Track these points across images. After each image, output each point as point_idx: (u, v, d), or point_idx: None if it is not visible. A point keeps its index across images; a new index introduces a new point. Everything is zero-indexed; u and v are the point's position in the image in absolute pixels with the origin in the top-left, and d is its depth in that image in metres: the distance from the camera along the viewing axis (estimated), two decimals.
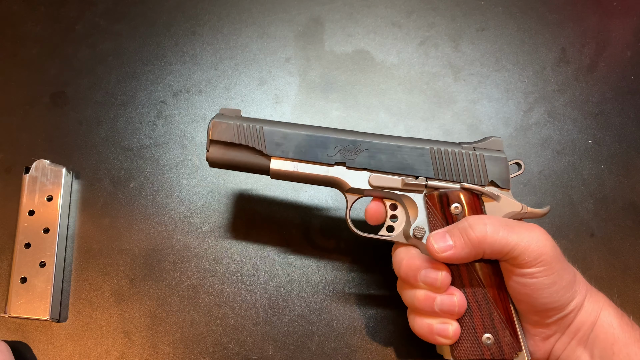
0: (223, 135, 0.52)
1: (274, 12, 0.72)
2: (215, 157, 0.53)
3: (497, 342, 0.48)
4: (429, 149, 0.51)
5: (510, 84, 0.68)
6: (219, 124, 0.52)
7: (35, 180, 0.62)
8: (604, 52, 0.70)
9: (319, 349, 0.58)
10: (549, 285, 0.45)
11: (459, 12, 0.72)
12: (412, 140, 0.52)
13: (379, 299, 0.60)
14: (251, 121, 0.53)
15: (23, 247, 0.60)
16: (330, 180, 0.52)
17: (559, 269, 0.46)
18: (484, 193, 0.50)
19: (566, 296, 0.46)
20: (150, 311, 0.60)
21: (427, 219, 0.50)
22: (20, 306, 0.58)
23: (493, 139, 0.52)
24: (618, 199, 0.63)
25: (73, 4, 0.73)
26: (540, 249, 0.45)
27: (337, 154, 0.52)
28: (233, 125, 0.52)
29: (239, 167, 0.53)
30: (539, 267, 0.45)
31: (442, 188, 0.50)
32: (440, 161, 0.51)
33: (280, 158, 0.52)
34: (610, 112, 0.67)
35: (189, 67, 0.70)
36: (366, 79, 0.69)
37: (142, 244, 0.62)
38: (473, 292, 0.48)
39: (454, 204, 0.49)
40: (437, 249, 0.46)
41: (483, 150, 0.51)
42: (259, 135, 0.52)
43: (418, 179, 0.51)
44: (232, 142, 0.52)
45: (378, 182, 0.51)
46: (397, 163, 0.51)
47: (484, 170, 0.50)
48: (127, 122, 0.68)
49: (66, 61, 0.71)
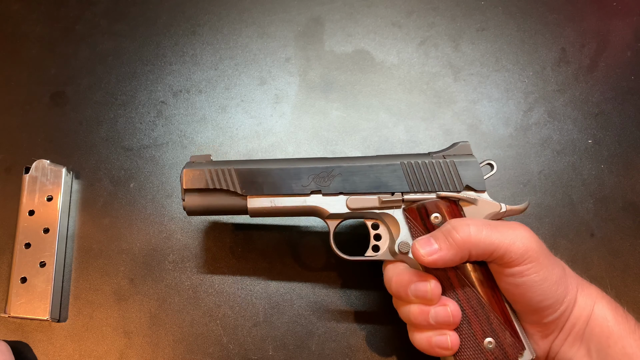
0: (196, 183, 0.53)
1: (274, 12, 0.72)
2: (191, 205, 0.53)
3: (499, 345, 0.48)
4: (400, 164, 0.51)
5: (510, 84, 0.68)
6: (191, 172, 0.53)
7: (35, 180, 0.62)
8: (604, 52, 0.70)
9: (319, 349, 0.58)
10: (540, 282, 0.46)
11: (459, 12, 0.72)
12: (382, 158, 0.52)
13: (379, 299, 0.60)
14: (222, 164, 0.53)
15: (23, 247, 0.60)
16: (308, 210, 0.53)
17: (547, 265, 0.46)
18: (461, 199, 0.50)
19: (559, 291, 0.46)
20: (150, 311, 0.60)
21: (410, 232, 0.50)
22: (20, 306, 0.58)
23: (461, 144, 0.53)
24: (618, 199, 0.63)
25: (73, 4, 0.73)
26: (525, 245, 0.45)
27: (311, 183, 0.52)
28: (205, 171, 0.53)
29: (217, 211, 0.54)
30: (527, 265, 0.45)
31: (419, 200, 0.50)
32: (412, 174, 0.51)
33: (256, 196, 0.52)
34: (610, 112, 0.67)
35: (189, 67, 0.70)
36: (366, 79, 0.69)
37: (142, 244, 0.62)
38: (467, 299, 0.48)
39: (433, 214, 0.50)
40: (424, 254, 0.46)
41: (453, 157, 0.52)
42: (232, 177, 0.53)
43: (394, 195, 0.51)
44: (207, 188, 0.53)
45: (356, 204, 0.52)
46: (372, 182, 0.51)
47: (457, 176, 0.51)
48: (127, 122, 0.68)
49: (66, 61, 0.71)
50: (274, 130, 0.67)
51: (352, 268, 0.61)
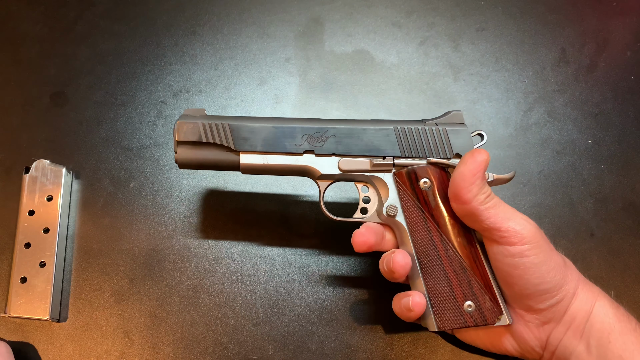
0: (190, 136, 0.52)
1: (274, 12, 0.72)
2: (184, 158, 0.53)
3: (478, 309, 0.49)
4: (393, 129, 0.52)
5: (510, 84, 0.69)
6: (185, 125, 0.53)
7: (35, 180, 0.62)
8: (603, 52, 0.70)
9: (319, 349, 0.58)
10: (539, 265, 0.46)
11: (458, 12, 0.72)
12: (376, 122, 0.53)
13: (379, 299, 0.60)
14: (217, 119, 0.53)
15: (23, 247, 0.60)
16: (300, 169, 0.53)
17: (547, 250, 0.47)
18: (450, 165, 0.51)
19: (557, 278, 0.47)
20: (150, 311, 0.60)
21: (398, 196, 0.51)
22: (20, 306, 0.58)
23: (454, 112, 0.53)
24: (618, 199, 0.63)
25: (73, 4, 0.73)
26: (526, 227, 0.47)
27: (305, 143, 0.52)
28: (199, 124, 0.53)
29: (209, 166, 0.54)
30: (527, 245, 0.46)
31: (410, 165, 0.52)
32: (405, 139, 0.52)
33: (249, 152, 0.52)
34: (610, 112, 0.67)
35: (189, 67, 0.70)
36: (366, 79, 0.69)
37: (142, 244, 0.62)
38: (450, 262, 0.50)
39: (422, 179, 0.51)
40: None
41: (445, 125, 0.53)
42: (225, 132, 0.52)
43: (385, 158, 0.52)
44: (200, 141, 0.52)
45: (347, 166, 0.52)
46: (364, 145, 0.52)
47: (448, 144, 0.52)
48: (127, 122, 0.68)
49: (66, 61, 0.71)
50: None
51: (352, 268, 0.61)
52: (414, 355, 0.58)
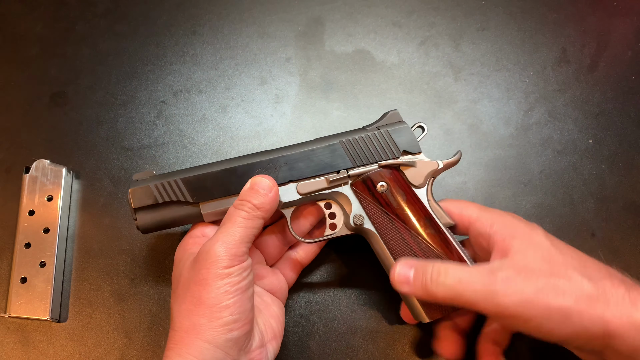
0: (145, 200, 0.52)
1: (274, 12, 0.72)
2: (145, 223, 0.53)
3: None
4: (339, 142, 0.54)
5: (511, 84, 0.68)
6: (137, 190, 0.53)
7: (35, 180, 0.62)
8: (604, 51, 0.70)
9: (319, 349, 0.58)
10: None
11: (459, 12, 0.72)
12: (321, 140, 0.54)
13: (379, 299, 0.60)
14: (167, 176, 0.53)
15: (23, 247, 0.60)
16: None
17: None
18: (400, 164, 0.53)
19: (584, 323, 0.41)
20: (150, 311, 0.60)
21: (361, 205, 0.53)
22: (20, 306, 0.58)
23: (391, 112, 0.55)
24: (619, 198, 0.63)
25: (73, 4, 0.73)
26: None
27: None
28: (151, 186, 0.52)
29: (172, 224, 0.54)
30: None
31: (363, 173, 0.53)
32: (352, 150, 0.54)
33: (208, 201, 0.53)
34: (611, 112, 0.67)
35: (189, 66, 0.70)
36: (366, 78, 0.69)
37: (142, 244, 0.62)
38: (424, 254, 0.51)
39: (378, 183, 0.53)
40: (396, 272, 0.48)
41: (386, 126, 0.54)
42: (179, 187, 0.52)
43: (340, 172, 0.53)
44: (157, 203, 0.52)
45: (306, 189, 0.53)
46: (316, 165, 0.53)
47: (393, 143, 0.54)
48: (127, 122, 0.68)
49: (66, 61, 0.71)
50: (275, 130, 0.67)
51: (352, 268, 0.61)
52: (414, 355, 0.58)
